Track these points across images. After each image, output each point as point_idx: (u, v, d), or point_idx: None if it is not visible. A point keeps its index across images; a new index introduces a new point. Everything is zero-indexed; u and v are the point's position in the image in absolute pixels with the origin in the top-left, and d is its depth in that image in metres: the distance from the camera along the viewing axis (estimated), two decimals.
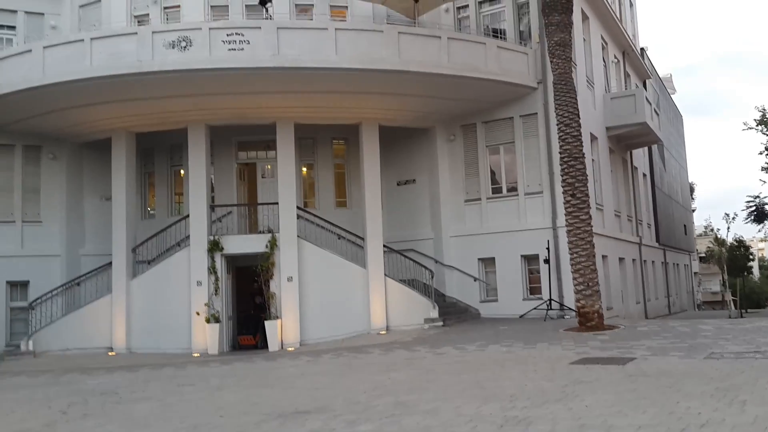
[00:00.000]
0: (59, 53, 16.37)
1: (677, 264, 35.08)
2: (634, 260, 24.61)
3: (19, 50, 17.32)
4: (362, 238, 18.59)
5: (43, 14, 20.59)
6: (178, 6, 19.28)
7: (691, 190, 52.36)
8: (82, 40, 16.27)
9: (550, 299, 17.43)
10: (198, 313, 17.46)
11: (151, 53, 15.55)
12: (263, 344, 17.61)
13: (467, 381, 8.78)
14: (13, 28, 20.38)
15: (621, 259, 22.61)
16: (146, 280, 18.27)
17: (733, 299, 47.98)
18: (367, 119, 18.63)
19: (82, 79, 15.87)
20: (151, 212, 20.85)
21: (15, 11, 20.37)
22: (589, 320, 13.91)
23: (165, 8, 19.43)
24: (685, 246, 38.93)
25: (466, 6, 20.14)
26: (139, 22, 19.32)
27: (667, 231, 31.95)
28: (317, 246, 18.20)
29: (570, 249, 14.36)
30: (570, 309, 16.88)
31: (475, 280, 19.20)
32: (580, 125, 14.53)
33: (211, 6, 19.22)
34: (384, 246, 18.50)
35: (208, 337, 17.32)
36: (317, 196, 20.40)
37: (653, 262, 28.29)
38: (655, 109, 24.91)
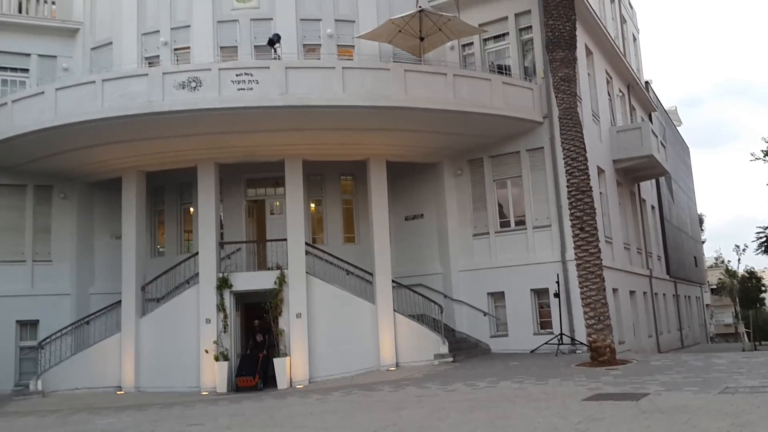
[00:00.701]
0: (71, 95, 16.66)
1: (689, 296, 34.76)
2: (645, 293, 24.43)
3: (32, 92, 17.65)
4: (371, 274, 18.57)
5: (55, 57, 21.00)
6: (188, 47, 19.62)
7: (700, 221, 52.15)
8: (94, 81, 16.58)
9: (561, 334, 17.28)
10: (207, 351, 17.39)
11: (161, 94, 15.82)
12: (263, 385, 17.28)
13: (478, 419, 8.68)
14: (26, 70, 20.79)
15: (632, 292, 22.45)
16: (155, 319, 18.25)
17: (746, 331, 47.40)
18: (375, 155, 18.78)
19: (94, 120, 16.13)
20: (161, 250, 20.94)
21: (29, 54, 20.80)
22: (601, 355, 13.77)
23: (175, 50, 19.79)
24: (696, 278, 38.62)
25: (471, 43, 20.42)
26: (149, 63, 19.67)
27: (677, 263, 31.75)
28: (326, 282, 18.19)
29: (580, 283, 14.29)
30: (581, 343, 16.73)
31: (484, 315, 19.09)
32: (586, 159, 14.59)
33: (221, 47, 19.56)
34: (393, 281, 18.47)
35: (216, 375, 17.21)
36: (325, 231, 20.45)
37: (664, 294, 28.06)
38: (661, 142, 25.00)
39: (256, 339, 18.01)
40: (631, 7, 30.63)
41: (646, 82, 30.20)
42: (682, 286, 32.71)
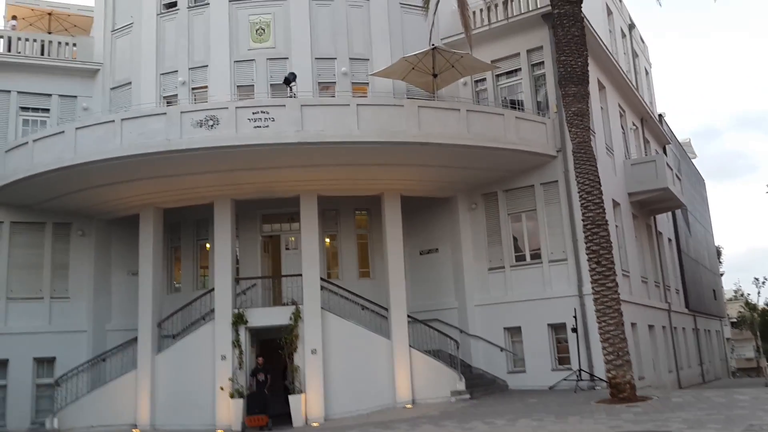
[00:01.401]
0: (91, 134, 16.97)
1: (708, 330, 34.24)
2: (664, 327, 24.11)
3: (53, 132, 18.01)
4: (386, 309, 18.50)
5: (75, 97, 21.42)
6: (206, 87, 19.96)
7: (718, 253, 51.62)
8: (113, 120, 16.90)
9: (580, 369, 17.04)
10: (222, 388, 17.31)
11: (179, 132, 16.08)
12: (273, 424, 16.97)
13: None
14: (47, 110, 21.20)
15: (651, 327, 22.17)
16: (171, 355, 18.24)
17: None
18: (389, 190, 18.88)
19: (113, 158, 16.41)
20: (177, 286, 21.02)
21: (50, 95, 21.24)
22: (621, 391, 13.55)
23: (193, 89, 20.14)
24: (716, 311, 38.08)
25: (484, 79, 20.63)
26: (168, 102, 20.04)
27: (696, 296, 31.36)
28: (341, 317, 18.13)
29: (598, 317, 14.14)
30: (601, 379, 16.47)
31: (501, 350, 18.89)
32: (601, 192, 14.57)
33: (238, 86, 19.89)
34: (408, 316, 18.37)
35: (232, 412, 17.09)
36: (340, 266, 20.46)
37: (684, 328, 27.68)
38: (676, 174, 24.93)
39: (257, 378, 17.42)
40: (643, 42, 30.87)
41: (660, 115, 30.26)
42: (702, 320, 32.24)
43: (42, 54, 21.43)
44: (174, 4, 20.86)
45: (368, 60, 20.30)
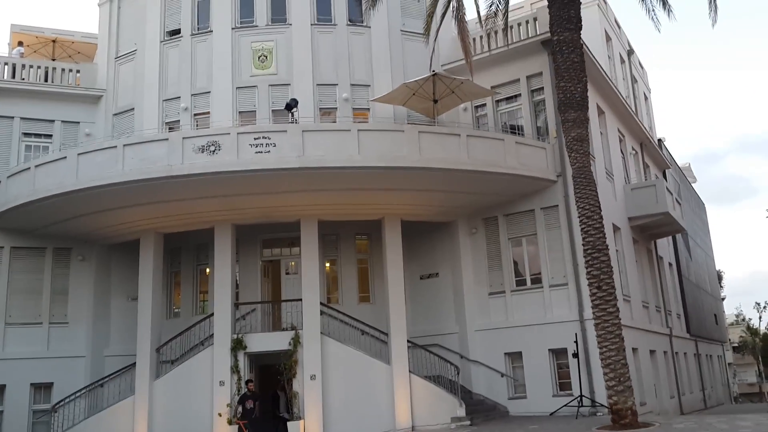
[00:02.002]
0: (93, 159, 17.07)
1: (710, 355, 34.03)
2: (665, 352, 23.97)
3: (55, 157, 18.11)
4: (386, 334, 18.43)
5: (78, 123, 21.56)
6: (208, 113, 20.11)
7: (719, 278, 51.48)
8: (115, 146, 17.00)
9: (581, 395, 16.91)
10: (220, 415, 17.16)
11: (181, 157, 16.17)
12: None
13: None
14: (50, 136, 21.32)
15: (652, 352, 22.04)
16: (169, 381, 18.11)
17: None
18: (390, 215, 18.91)
19: (115, 184, 16.48)
20: (176, 311, 20.95)
21: (52, 121, 21.38)
22: (623, 418, 13.42)
23: (195, 115, 20.28)
24: (717, 336, 37.87)
25: (484, 105, 20.77)
26: (170, 128, 20.16)
27: (697, 321, 31.22)
28: (341, 343, 18.04)
29: (599, 343, 14.06)
30: (602, 405, 16.34)
31: (502, 376, 18.76)
32: (602, 217, 14.58)
33: (240, 112, 20.03)
34: (408, 341, 18.29)
35: None
36: (340, 291, 20.42)
37: (685, 353, 27.51)
38: (676, 199, 24.98)
39: (245, 405, 16.91)
40: (642, 68, 31.14)
41: (659, 140, 30.41)
42: (703, 345, 32.06)
43: (46, 80, 21.62)
44: (177, 32, 21.11)
45: (369, 86, 20.47)
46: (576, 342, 17.33)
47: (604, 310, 13.96)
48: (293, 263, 20.11)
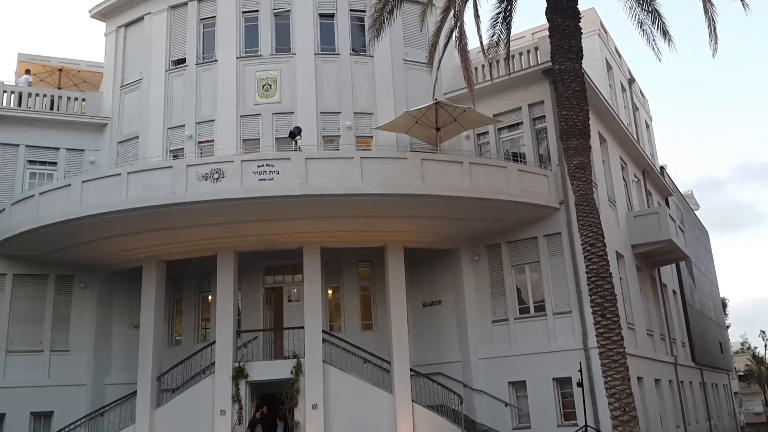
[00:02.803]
0: (97, 187, 17.16)
1: (716, 384, 33.68)
2: (670, 381, 23.73)
3: (59, 185, 18.21)
4: (388, 362, 18.30)
5: (83, 150, 21.66)
6: (212, 140, 20.25)
7: (724, 306, 51.18)
8: (119, 174, 17.12)
9: (586, 425, 16.69)
10: None
11: (185, 185, 16.24)
12: None
13: None
14: (54, 164, 21.42)
15: (657, 381, 21.83)
16: (170, 410, 17.96)
17: None
18: (392, 242, 18.91)
19: (118, 211, 16.56)
20: (178, 338, 20.87)
21: (57, 148, 21.48)
22: None
23: (199, 143, 20.41)
24: (723, 365, 37.53)
25: (486, 132, 20.87)
26: (174, 156, 20.28)
27: (702, 349, 30.95)
28: (343, 371, 17.94)
29: (603, 372, 13.93)
30: None
31: (506, 406, 18.54)
32: (605, 245, 14.55)
33: (243, 139, 20.15)
34: (411, 370, 18.15)
35: None
36: (343, 318, 20.33)
37: (691, 382, 27.24)
38: (679, 226, 24.95)
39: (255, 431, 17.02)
40: (643, 96, 31.35)
41: (661, 167, 30.48)
42: (709, 374, 31.75)
43: (51, 108, 21.79)
44: (183, 61, 21.36)
45: (372, 114, 20.61)
46: (580, 371, 17.14)
47: (608, 338, 13.86)
48: (296, 290, 20.08)
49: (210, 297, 20.22)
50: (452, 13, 17.50)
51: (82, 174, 19.08)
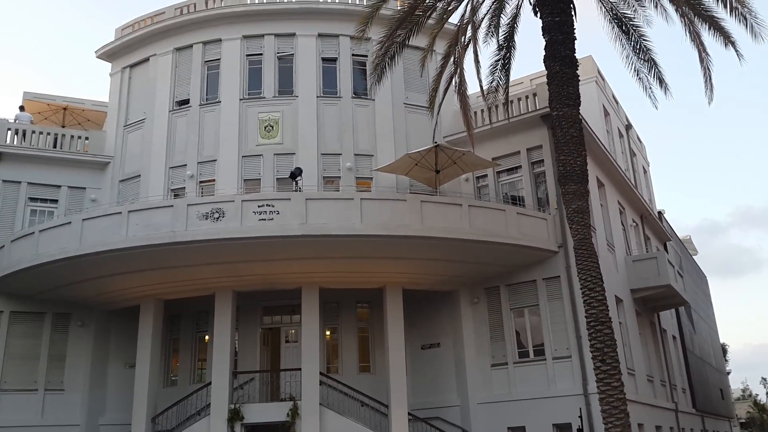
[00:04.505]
0: (97, 225, 17.21)
1: (717, 431, 33.18)
2: (671, 428, 23.42)
3: (59, 222, 18.26)
4: (386, 405, 18.09)
5: (84, 188, 21.72)
6: (214, 180, 20.43)
7: (724, 351, 50.80)
8: (120, 212, 17.19)
9: None
10: None
11: (185, 224, 16.30)
12: None
13: None
14: (55, 201, 21.45)
15: (658, 428, 21.55)
16: None
17: None
18: (391, 283, 18.89)
19: (118, 249, 16.58)
20: (174, 379, 20.62)
21: (59, 186, 21.54)
22: None
23: (201, 182, 20.58)
24: (724, 412, 37.06)
25: (485, 176, 21.06)
26: (175, 195, 20.41)
27: (703, 396, 30.62)
28: (340, 414, 17.70)
29: (604, 418, 13.76)
30: None
31: None
32: (604, 289, 14.53)
33: (245, 179, 20.33)
34: (408, 414, 17.92)
35: None
36: (340, 360, 20.16)
37: (692, 430, 26.88)
38: (678, 271, 24.95)
39: None
40: (640, 141, 31.70)
41: (659, 212, 30.64)
42: (710, 421, 31.33)
43: (55, 146, 21.95)
44: (186, 102, 21.67)
45: (372, 156, 20.84)
46: (580, 417, 16.93)
47: (608, 384, 13.74)
48: (293, 331, 19.96)
49: (207, 337, 20.09)
50: (452, 59, 17.85)
51: (83, 212, 19.13)
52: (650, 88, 17.50)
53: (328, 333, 20.39)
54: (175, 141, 21.33)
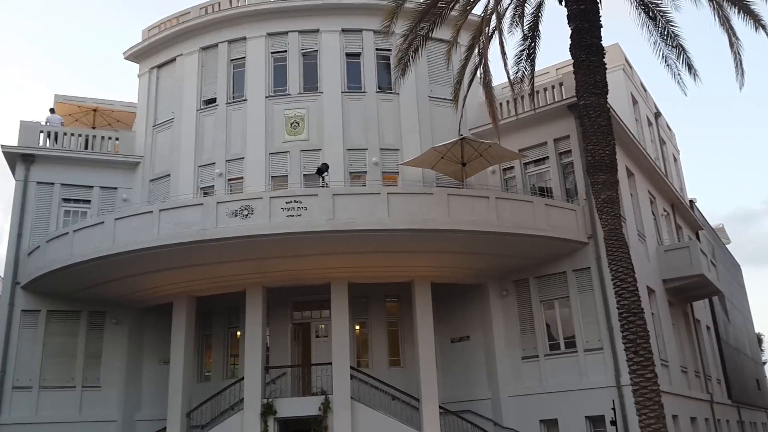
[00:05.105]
0: (129, 224, 17.49)
1: (754, 422, 32.63)
2: (706, 420, 23.08)
3: (92, 222, 18.60)
4: (417, 399, 18.13)
5: (116, 188, 22.06)
6: (242, 177, 20.62)
7: (759, 341, 49.82)
8: (151, 211, 17.44)
9: None
10: None
11: (215, 222, 16.50)
12: None
13: None
14: (88, 202, 21.81)
15: (693, 419, 21.26)
16: None
17: None
18: (420, 277, 18.89)
19: (150, 248, 16.83)
20: (207, 374, 20.92)
21: (91, 187, 21.91)
22: None
23: (229, 180, 20.79)
24: (761, 402, 36.37)
25: (512, 167, 20.92)
26: (204, 193, 20.65)
27: (738, 387, 30.09)
28: (371, 408, 17.79)
29: (638, 410, 13.61)
30: None
31: None
32: (635, 280, 14.35)
33: (272, 176, 20.48)
34: (439, 407, 17.93)
35: None
36: (371, 355, 20.24)
37: (728, 421, 26.43)
38: (711, 260, 24.53)
39: None
40: (670, 129, 31.18)
41: (691, 201, 30.13)
42: (746, 412, 30.78)
43: (86, 148, 22.33)
44: (213, 101, 21.88)
45: (398, 150, 20.83)
46: (614, 409, 16.76)
47: (641, 375, 13.58)
48: (323, 326, 20.09)
49: (239, 333, 20.31)
50: (476, 51, 17.75)
51: (115, 211, 19.46)
52: (679, 74, 17.22)
53: (357, 327, 20.48)
54: (203, 140, 21.57)
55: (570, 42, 15.45)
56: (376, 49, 21.77)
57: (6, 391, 19.44)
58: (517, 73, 17.86)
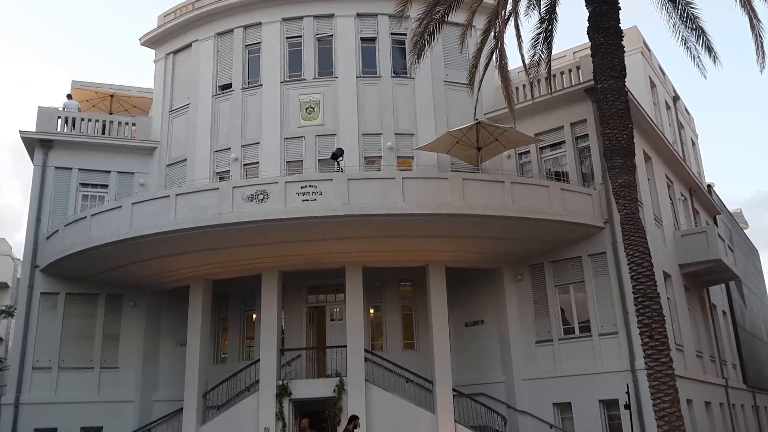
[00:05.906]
0: (146, 208, 17.67)
1: None
2: (721, 404, 23.04)
3: (110, 207, 18.81)
4: (430, 382, 18.25)
5: (133, 173, 22.29)
6: (257, 162, 20.71)
7: None
8: (168, 196, 17.59)
9: None
10: None
11: (230, 206, 16.62)
12: None
13: None
14: (105, 186, 22.04)
15: (707, 404, 21.23)
16: (215, 427, 18.22)
17: None
18: (434, 261, 18.93)
19: (167, 232, 17.01)
20: (223, 356, 21.19)
21: (108, 171, 22.13)
22: None
23: (245, 165, 20.89)
24: None
25: (528, 152, 20.82)
26: (220, 178, 20.78)
27: (754, 371, 29.95)
28: (385, 390, 17.95)
29: (652, 394, 13.63)
30: None
31: (551, 428, 18.25)
32: (652, 264, 14.30)
33: (287, 161, 20.56)
34: (453, 390, 18.06)
35: None
36: (385, 338, 20.37)
37: (743, 405, 26.38)
38: (728, 245, 24.33)
39: None
40: (688, 113, 30.83)
41: (709, 186, 29.84)
42: (762, 396, 30.66)
43: (103, 133, 22.52)
44: (229, 86, 21.94)
45: (413, 135, 20.79)
46: (628, 393, 16.81)
47: (656, 360, 13.58)
48: (338, 309, 20.23)
49: (254, 316, 20.51)
50: (492, 34, 17.61)
51: (132, 196, 19.63)
52: (698, 57, 17.01)
53: (372, 311, 20.60)
54: (218, 125, 21.66)
55: (588, 25, 15.32)
56: (391, 34, 21.67)
57: (26, 372, 19.85)
58: (533, 56, 17.72)
